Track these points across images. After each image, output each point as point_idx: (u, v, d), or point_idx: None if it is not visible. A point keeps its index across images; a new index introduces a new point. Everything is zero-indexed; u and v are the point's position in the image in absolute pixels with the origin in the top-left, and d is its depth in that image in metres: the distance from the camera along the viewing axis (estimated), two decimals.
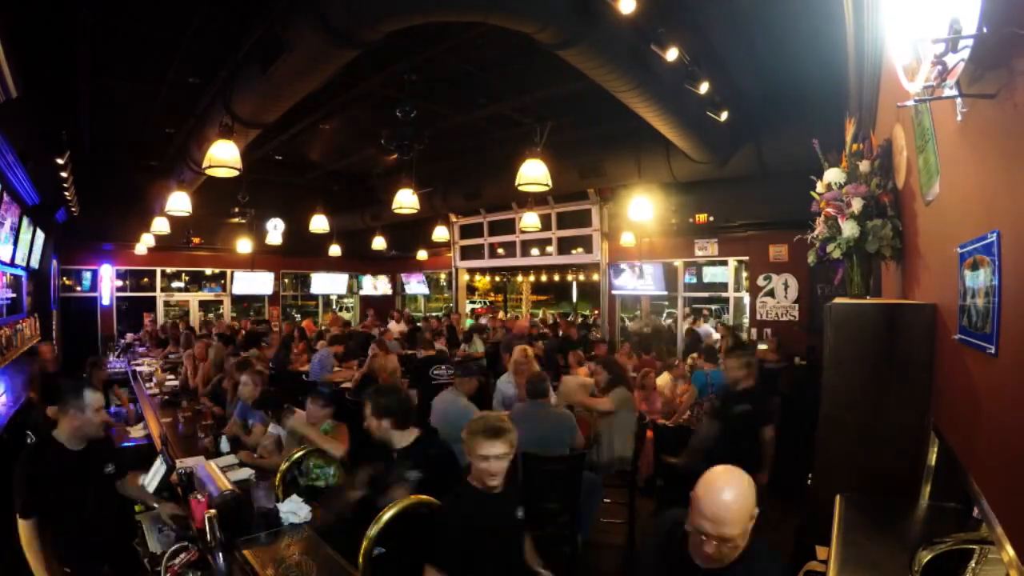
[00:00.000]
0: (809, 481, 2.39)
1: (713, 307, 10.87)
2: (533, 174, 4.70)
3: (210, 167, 4.44)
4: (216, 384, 5.26)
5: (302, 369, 7.04)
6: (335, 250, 11.35)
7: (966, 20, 1.09)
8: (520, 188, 4.87)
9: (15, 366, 6.30)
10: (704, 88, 5.04)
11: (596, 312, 11.64)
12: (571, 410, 4.22)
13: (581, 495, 3.50)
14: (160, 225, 8.42)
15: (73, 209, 8.53)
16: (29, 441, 3.79)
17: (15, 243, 6.53)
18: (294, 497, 2.74)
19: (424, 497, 2.30)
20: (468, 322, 11.70)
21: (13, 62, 3.13)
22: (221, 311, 13.14)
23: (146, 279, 12.34)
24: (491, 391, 5.26)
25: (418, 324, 10.03)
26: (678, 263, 9.50)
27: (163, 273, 12.47)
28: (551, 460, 3.46)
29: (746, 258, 8.50)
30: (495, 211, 11.59)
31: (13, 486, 2.38)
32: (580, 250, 10.58)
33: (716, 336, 8.64)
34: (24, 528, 2.35)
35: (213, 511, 2.22)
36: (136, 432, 4.57)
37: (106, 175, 9.51)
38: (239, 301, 13.55)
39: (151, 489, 2.74)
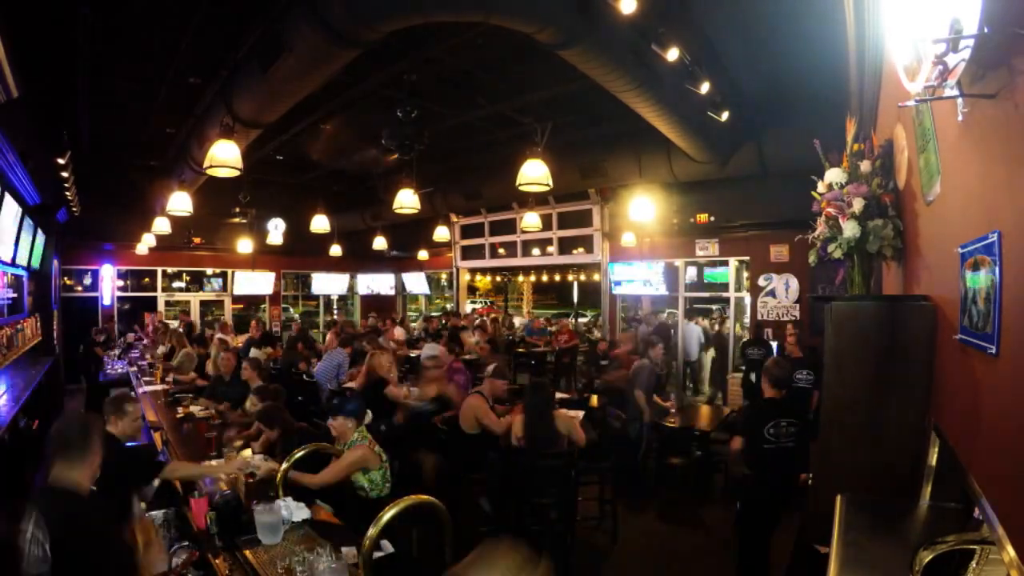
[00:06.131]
0: (809, 481, 2.39)
1: (714, 307, 10.86)
2: (534, 174, 4.69)
3: (211, 167, 4.45)
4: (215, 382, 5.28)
5: (300, 368, 7.05)
6: (336, 250, 11.35)
7: (967, 20, 1.09)
8: (521, 188, 4.86)
9: (16, 366, 6.30)
10: (705, 88, 5.04)
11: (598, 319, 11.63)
12: None
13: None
14: (161, 225, 8.41)
15: (74, 209, 8.52)
16: None
17: (16, 243, 6.53)
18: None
19: (424, 497, 2.30)
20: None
21: (13, 62, 3.13)
22: (222, 312, 13.15)
23: (147, 279, 12.34)
24: None
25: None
26: (679, 263, 9.49)
27: (164, 273, 12.48)
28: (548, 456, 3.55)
29: (747, 258, 8.49)
30: (496, 211, 11.58)
31: None
32: (581, 250, 10.58)
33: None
34: None
35: (213, 512, 2.22)
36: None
37: (107, 175, 9.49)
38: (240, 301, 13.55)
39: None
